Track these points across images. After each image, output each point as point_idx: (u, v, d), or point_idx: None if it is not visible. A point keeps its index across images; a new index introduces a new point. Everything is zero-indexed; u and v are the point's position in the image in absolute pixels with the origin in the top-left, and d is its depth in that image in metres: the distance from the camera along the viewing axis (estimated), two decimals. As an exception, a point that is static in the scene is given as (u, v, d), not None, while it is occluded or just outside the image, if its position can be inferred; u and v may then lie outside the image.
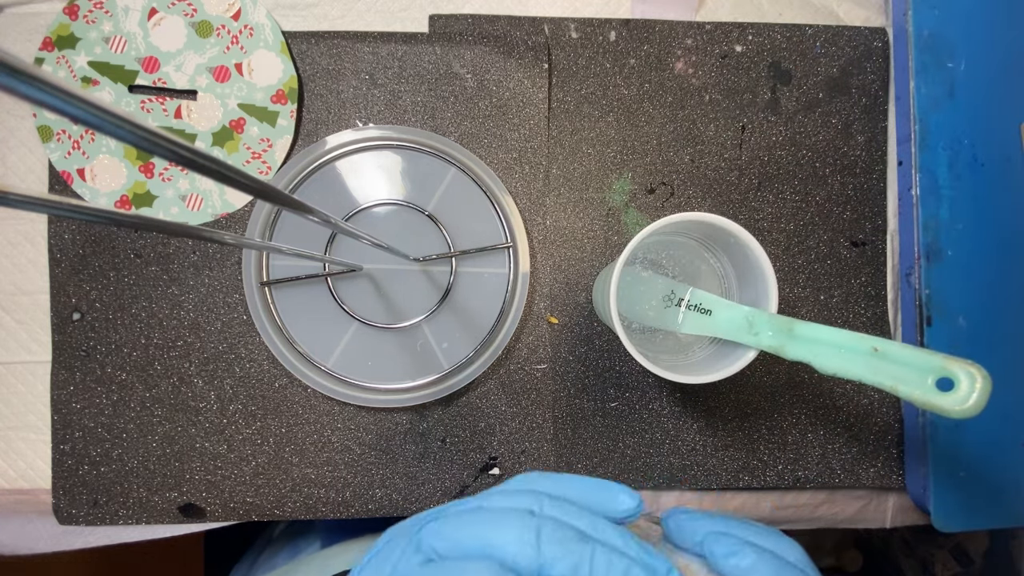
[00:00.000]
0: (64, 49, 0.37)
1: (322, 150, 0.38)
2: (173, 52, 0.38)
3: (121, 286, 0.38)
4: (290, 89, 0.38)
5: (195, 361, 0.38)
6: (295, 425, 0.39)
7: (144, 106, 0.38)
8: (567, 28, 0.40)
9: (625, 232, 0.40)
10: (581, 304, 0.40)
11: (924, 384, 0.24)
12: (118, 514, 0.38)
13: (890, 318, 0.41)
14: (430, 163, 0.38)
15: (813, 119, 0.41)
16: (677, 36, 0.41)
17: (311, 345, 0.37)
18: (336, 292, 0.38)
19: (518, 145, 0.40)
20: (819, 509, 0.42)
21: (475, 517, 0.19)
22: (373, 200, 0.38)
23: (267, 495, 0.38)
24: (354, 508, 0.39)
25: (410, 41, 0.39)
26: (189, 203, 0.38)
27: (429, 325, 0.38)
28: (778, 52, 0.41)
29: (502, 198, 0.38)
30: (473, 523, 0.19)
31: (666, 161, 0.41)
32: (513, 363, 0.39)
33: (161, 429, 0.38)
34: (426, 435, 0.39)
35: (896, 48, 0.41)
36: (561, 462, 0.40)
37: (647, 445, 0.40)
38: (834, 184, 0.41)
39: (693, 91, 0.41)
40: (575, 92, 0.40)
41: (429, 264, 0.38)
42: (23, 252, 0.39)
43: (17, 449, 0.38)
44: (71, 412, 0.38)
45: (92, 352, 0.38)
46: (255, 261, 0.37)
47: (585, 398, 0.40)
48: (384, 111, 0.39)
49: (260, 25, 0.38)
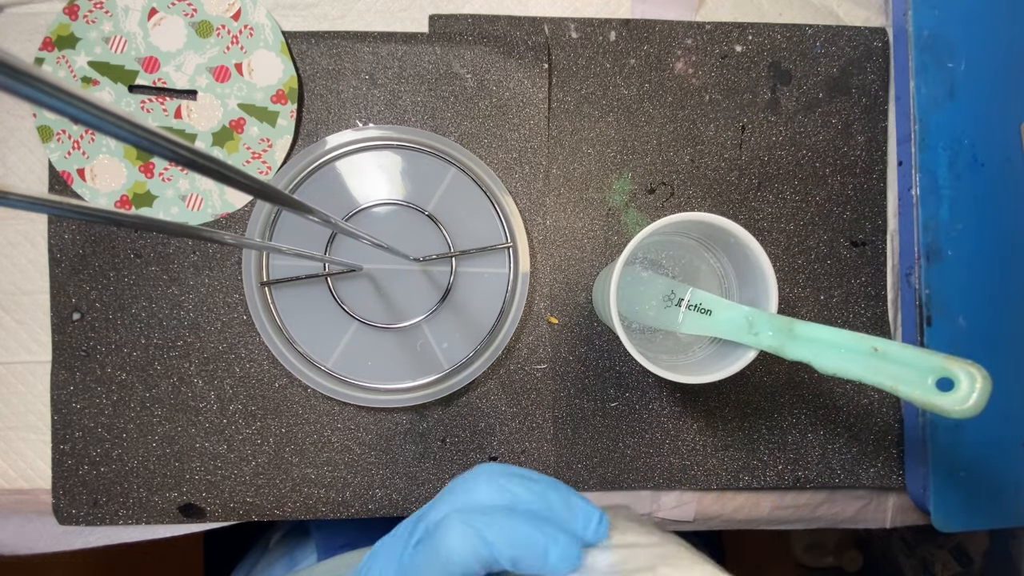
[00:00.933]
0: (64, 49, 0.37)
1: (322, 150, 0.38)
2: (173, 52, 0.38)
3: (121, 286, 0.38)
4: (290, 89, 0.38)
5: (195, 361, 0.38)
6: (295, 425, 0.39)
7: (144, 106, 0.38)
8: (567, 28, 0.40)
9: (625, 232, 0.40)
10: (581, 304, 0.40)
11: (924, 384, 0.24)
12: (118, 514, 0.38)
13: (890, 318, 0.41)
14: (430, 163, 0.38)
15: (813, 119, 0.41)
16: (677, 36, 0.41)
17: (311, 345, 0.37)
18: (336, 292, 0.38)
19: (518, 145, 0.40)
20: (819, 509, 0.42)
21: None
22: (373, 200, 0.38)
23: (267, 495, 0.38)
24: (354, 508, 0.39)
25: (410, 41, 0.39)
26: (189, 203, 0.38)
27: (429, 325, 0.38)
28: (778, 52, 0.41)
29: (502, 198, 0.38)
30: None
31: (666, 161, 0.41)
32: (513, 363, 0.39)
33: (161, 429, 0.38)
34: (426, 435, 0.39)
35: (896, 48, 0.41)
36: (561, 462, 0.40)
37: (647, 445, 0.40)
38: (834, 184, 0.41)
39: (693, 91, 0.41)
40: (575, 92, 0.40)
41: (429, 264, 0.38)
42: (23, 252, 0.39)
43: (17, 449, 0.38)
44: (71, 412, 0.38)
45: (92, 352, 0.38)
46: (255, 261, 0.37)
47: (585, 398, 0.40)
48: (384, 111, 0.39)
49: (260, 25, 0.38)
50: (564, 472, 0.40)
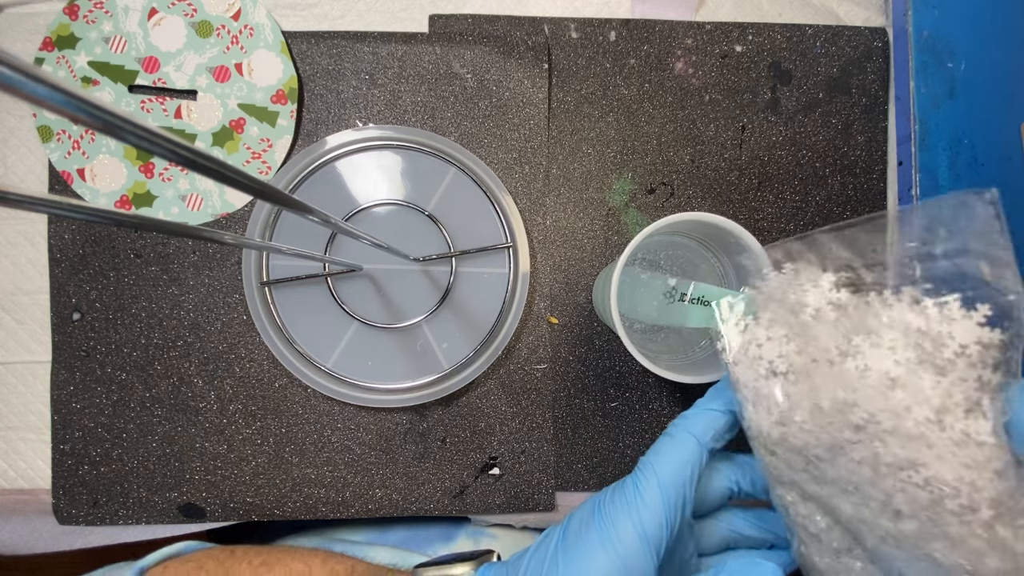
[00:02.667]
0: (64, 49, 0.37)
1: (322, 150, 0.38)
2: (173, 52, 0.38)
3: (121, 286, 0.38)
4: (290, 89, 0.38)
5: (195, 361, 0.38)
6: (295, 425, 0.39)
7: (144, 106, 0.38)
8: (567, 28, 0.40)
9: (625, 232, 0.40)
10: (581, 304, 0.40)
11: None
12: (118, 514, 0.38)
13: (890, 318, 0.41)
14: (430, 163, 0.38)
15: (813, 119, 0.41)
16: (677, 36, 0.41)
17: (311, 345, 0.37)
18: (336, 292, 0.38)
19: (518, 145, 0.40)
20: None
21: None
22: (373, 200, 0.38)
23: (267, 495, 0.38)
24: (354, 508, 0.39)
25: (410, 41, 0.39)
26: (189, 203, 0.38)
27: (429, 325, 0.38)
28: (778, 52, 0.41)
29: (502, 198, 0.38)
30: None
31: (666, 161, 0.41)
32: (513, 363, 0.39)
33: (161, 429, 0.38)
34: (426, 435, 0.39)
35: (896, 48, 0.41)
36: (561, 462, 0.40)
37: (647, 445, 0.40)
38: (834, 184, 0.41)
39: (693, 91, 0.41)
40: (575, 92, 0.40)
41: (429, 264, 0.38)
42: (23, 252, 0.39)
43: (17, 449, 0.38)
44: (71, 412, 0.38)
45: (92, 352, 0.38)
46: (255, 261, 0.37)
47: (585, 398, 0.40)
48: (384, 111, 0.39)
49: (260, 25, 0.38)
50: (564, 472, 0.40)
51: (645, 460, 0.26)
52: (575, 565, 0.23)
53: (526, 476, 0.39)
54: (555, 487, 0.40)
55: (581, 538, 0.24)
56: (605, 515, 0.24)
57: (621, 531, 0.23)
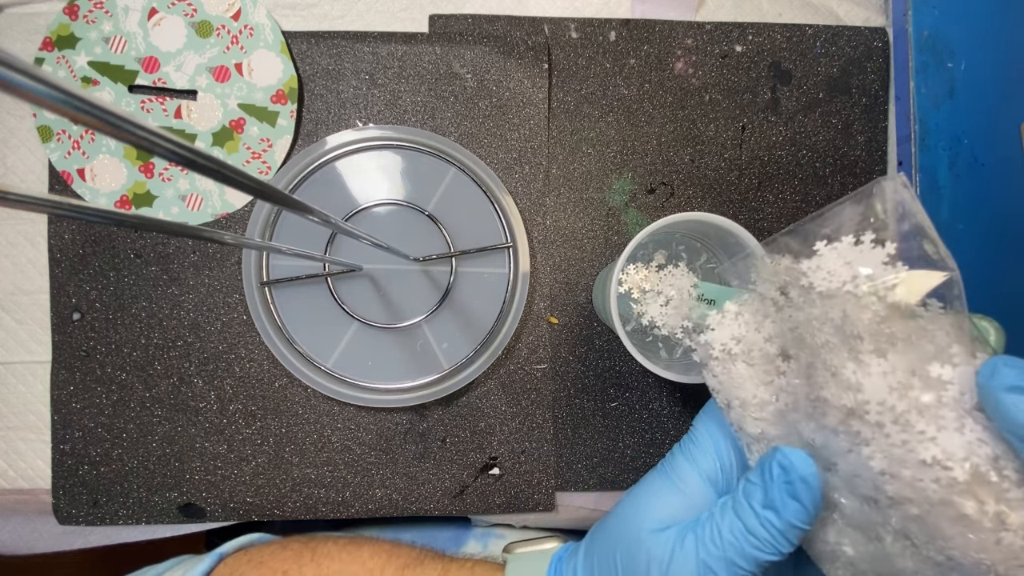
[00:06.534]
0: (64, 49, 0.37)
1: (322, 150, 0.38)
2: (173, 52, 0.38)
3: (121, 286, 0.38)
4: (290, 89, 0.38)
5: (195, 361, 0.38)
6: (295, 425, 0.39)
7: (144, 106, 0.38)
8: (567, 28, 0.40)
9: (625, 232, 0.40)
10: (581, 304, 0.40)
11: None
12: (118, 514, 0.38)
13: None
14: (430, 163, 0.38)
15: (813, 119, 0.41)
16: (677, 36, 0.41)
17: (311, 345, 0.37)
18: (336, 292, 0.38)
19: (518, 145, 0.40)
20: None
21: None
22: (373, 200, 0.38)
23: (267, 495, 0.38)
24: (354, 508, 0.39)
25: (410, 41, 0.39)
26: (189, 203, 0.38)
27: (429, 325, 0.38)
28: (778, 52, 0.41)
29: (502, 198, 0.38)
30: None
31: (666, 161, 0.41)
32: (513, 363, 0.39)
33: (161, 429, 0.38)
34: (426, 435, 0.39)
35: (896, 48, 0.41)
36: (561, 462, 0.40)
37: (647, 445, 0.40)
38: (834, 184, 0.41)
39: (693, 91, 0.41)
40: (575, 92, 0.40)
41: (429, 264, 0.38)
42: (23, 252, 0.39)
43: (17, 449, 0.38)
44: (71, 412, 0.38)
45: (92, 352, 0.38)
46: (255, 261, 0.37)
47: (585, 398, 0.40)
48: (384, 111, 0.39)
49: (260, 25, 0.38)
50: (564, 472, 0.40)
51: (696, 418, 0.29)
52: (636, 492, 0.28)
53: (526, 476, 0.39)
54: (555, 487, 0.40)
55: (643, 479, 0.29)
56: (663, 462, 0.29)
57: (677, 465, 0.27)
